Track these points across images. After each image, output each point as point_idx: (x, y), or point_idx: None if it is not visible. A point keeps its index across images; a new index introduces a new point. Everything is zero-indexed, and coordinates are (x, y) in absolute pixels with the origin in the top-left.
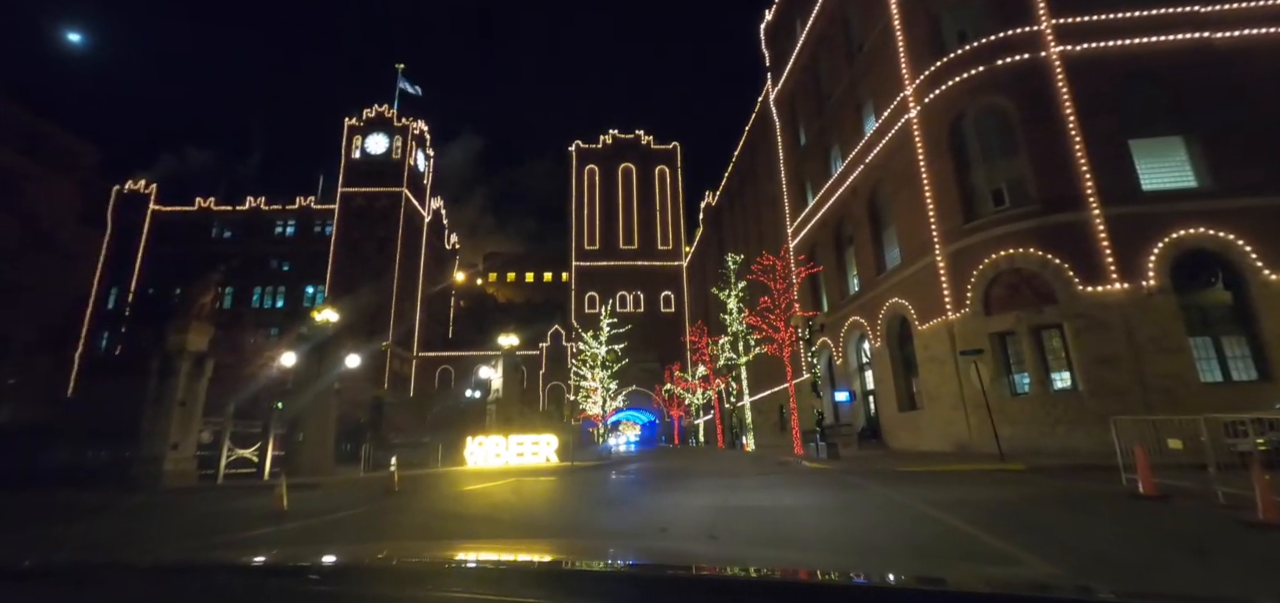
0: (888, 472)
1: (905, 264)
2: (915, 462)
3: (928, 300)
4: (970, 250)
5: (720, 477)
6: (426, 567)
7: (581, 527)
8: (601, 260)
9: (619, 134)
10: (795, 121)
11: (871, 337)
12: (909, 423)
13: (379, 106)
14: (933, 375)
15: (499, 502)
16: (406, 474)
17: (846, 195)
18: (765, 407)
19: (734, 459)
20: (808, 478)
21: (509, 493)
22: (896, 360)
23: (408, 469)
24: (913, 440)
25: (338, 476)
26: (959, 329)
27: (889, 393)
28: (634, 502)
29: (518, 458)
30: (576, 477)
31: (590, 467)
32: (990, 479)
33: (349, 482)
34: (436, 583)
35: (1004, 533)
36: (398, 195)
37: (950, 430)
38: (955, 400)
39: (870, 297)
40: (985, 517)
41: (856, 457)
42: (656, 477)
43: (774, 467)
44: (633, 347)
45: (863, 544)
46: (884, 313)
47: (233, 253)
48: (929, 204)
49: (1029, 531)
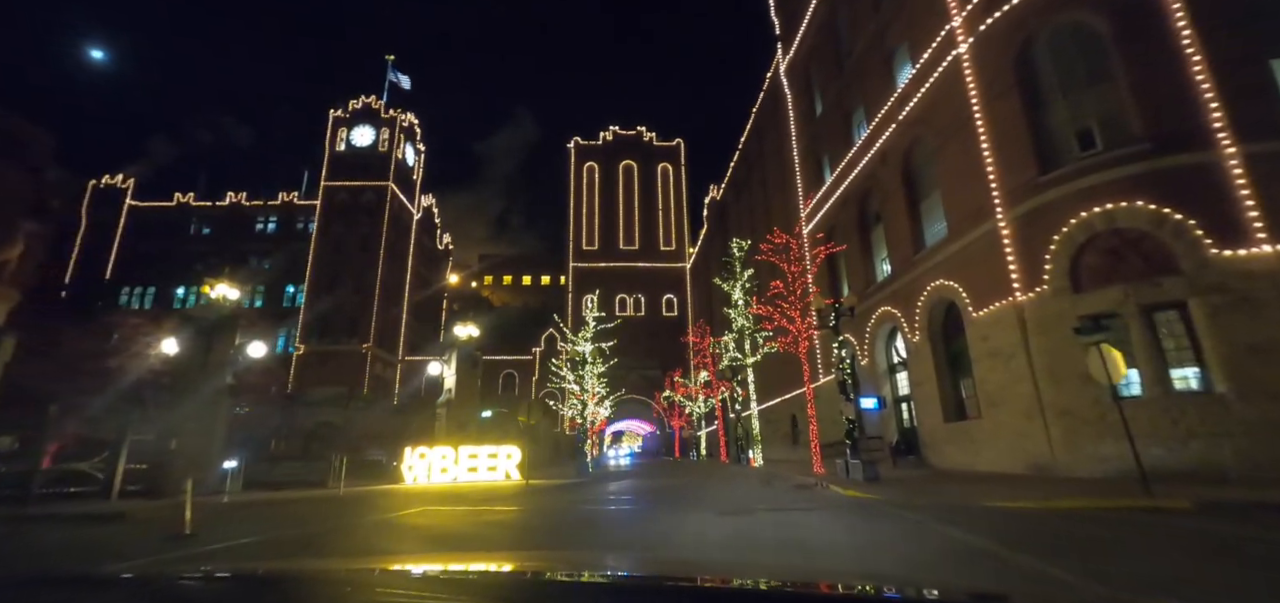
0: (964, 508)
1: (953, 237)
2: (989, 490)
3: (985, 279)
4: (1048, 210)
5: (721, 509)
6: (412, 579)
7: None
8: (600, 261)
9: (620, 130)
10: (810, 89)
11: (907, 330)
12: (959, 436)
13: (366, 98)
14: (995, 375)
15: (352, 546)
16: (273, 499)
17: (874, 163)
18: (775, 416)
19: (740, 479)
20: (847, 515)
21: (388, 534)
22: (941, 359)
23: (301, 490)
24: (964, 458)
25: (194, 497)
26: (1035, 313)
27: (931, 399)
28: None
29: (469, 474)
30: (529, 503)
31: (558, 486)
32: (1162, 526)
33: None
34: (419, 595)
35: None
36: (383, 190)
37: (1022, 446)
38: (1029, 407)
39: (905, 282)
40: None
41: (900, 480)
42: (637, 505)
43: (792, 492)
44: (633, 352)
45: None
46: (924, 300)
47: (210, 250)
48: (986, 157)
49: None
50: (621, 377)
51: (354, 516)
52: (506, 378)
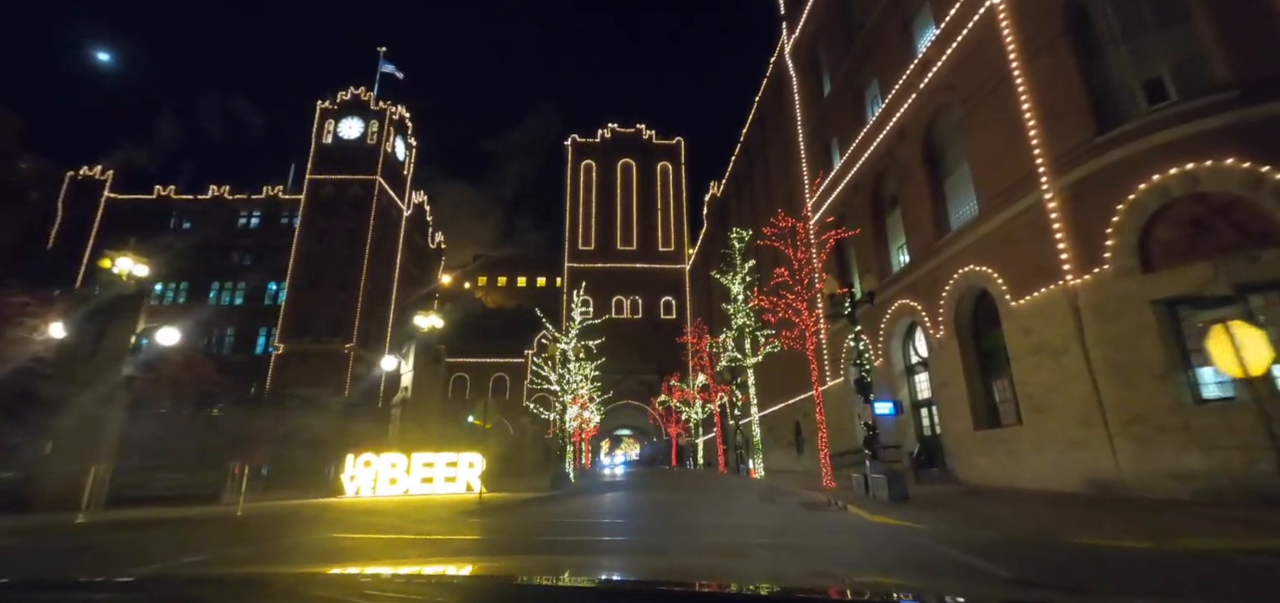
0: (1041, 543)
1: (985, 216)
2: (1052, 515)
3: (1027, 262)
4: (1109, 175)
5: (710, 544)
6: (395, 582)
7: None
8: (597, 262)
9: (619, 128)
10: (817, 68)
11: (929, 325)
12: (993, 446)
13: (355, 89)
14: (1039, 374)
15: None
16: (127, 520)
17: (890, 141)
18: (777, 423)
19: (738, 493)
20: (883, 551)
21: None
22: (970, 357)
23: (182, 506)
24: (999, 471)
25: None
26: (1093, 298)
27: (958, 403)
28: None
29: (424, 485)
30: (474, 528)
31: (522, 502)
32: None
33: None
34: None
35: None
36: (371, 184)
37: (1076, 458)
38: (1085, 411)
39: (927, 270)
40: None
41: (931, 498)
42: (602, 534)
43: (802, 513)
44: (630, 356)
45: None
46: (950, 290)
47: (191, 246)
48: (1028, 121)
49: None
50: (618, 382)
51: (181, 553)
52: (498, 382)
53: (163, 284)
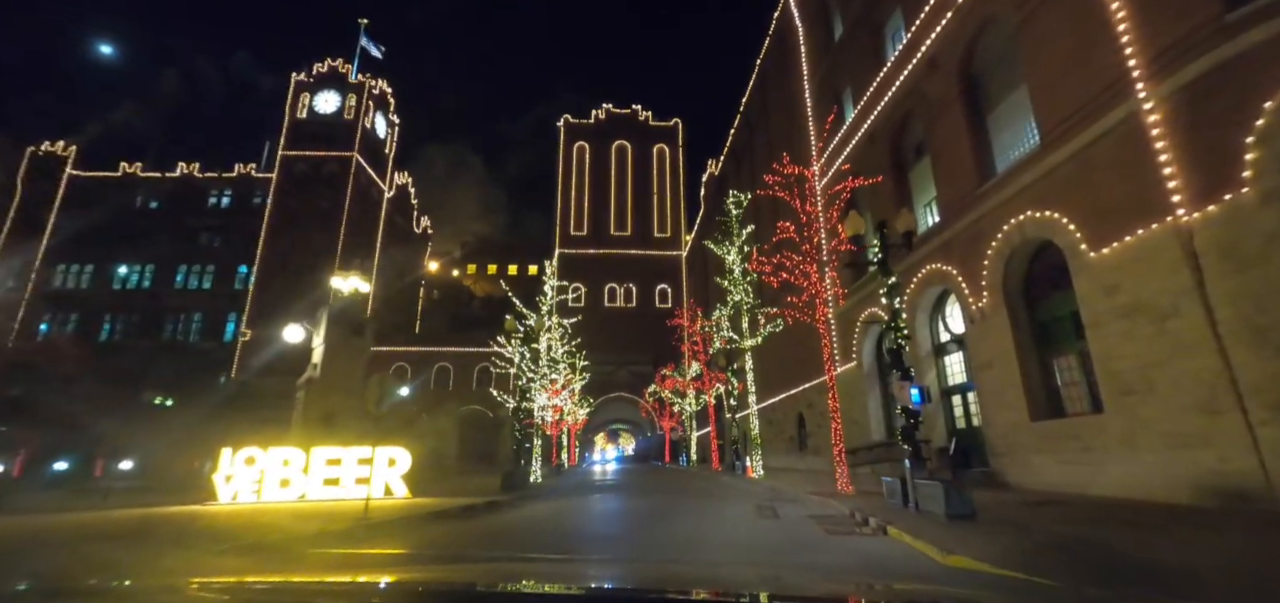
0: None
1: (1051, 145)
2: (1206, 542)
3: (1112, 198)
4: (1246, 64)
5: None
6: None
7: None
8: (589, 248)
9: (614, 109)
10: (826, 13)
11: (967, 293)
12: (1059, 442)
13: (333, 61)
14: (1132, 345)
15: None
16: None
17: (917, 76)
18: (778, 416)
19: (733, 501)
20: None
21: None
22: (1023, 329)
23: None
24: (1068, 473)
25: None
26: (1222, 237)
27: (1007, 387)
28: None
29: (328, 487)
30: (326, 559)
31: (447, 512)
32: None
33: None
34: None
35: None
36: (347, 160)
37: (1193, 458)
38: (1208, 393)
39: (965, 225)
40: None
41: (1004, 513)
42: (530, 574)
43: (819, 538)
44: (623, 347)
45: None
46: (998, 245)
47: (157, 226)
48: (1115, 7)
49: None
50: (609, 374)
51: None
52: (482, 372)
53: (127, 266)
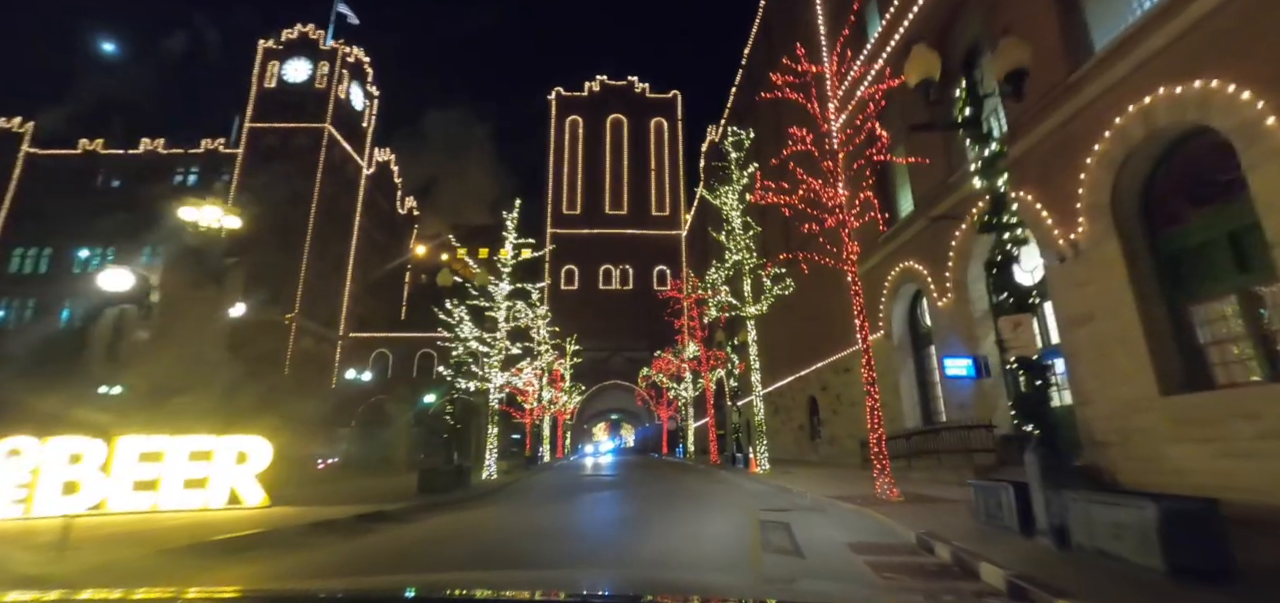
0: None
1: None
2: None
3: None
4: None
5: None
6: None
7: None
8: (583, 228)
9: (609, 81)
10: None
11: (1051, 225)
12: (1212, 425)
13: (303, 27)
14: None
15: None
16: None
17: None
18: (785, 401)
19: (733, 511)
20: None
21: None
22: (1142, 267)
23: None
24: (1230, 473)
25: None
26: None
27: (1120, 350)
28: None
29: (141, 493)
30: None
31: (309, 526)
32: None
33: None
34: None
35: None
36: (319, 132)
37: None
38: None
39: (1048, 131)
40: None
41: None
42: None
43: (885, 595)
44: (618, 332)
45: None
46: (1105, 148)
47: (120, 205)
48: None
49: None
50: (604, 360)
51: None
52: None
53: (88, 249)
